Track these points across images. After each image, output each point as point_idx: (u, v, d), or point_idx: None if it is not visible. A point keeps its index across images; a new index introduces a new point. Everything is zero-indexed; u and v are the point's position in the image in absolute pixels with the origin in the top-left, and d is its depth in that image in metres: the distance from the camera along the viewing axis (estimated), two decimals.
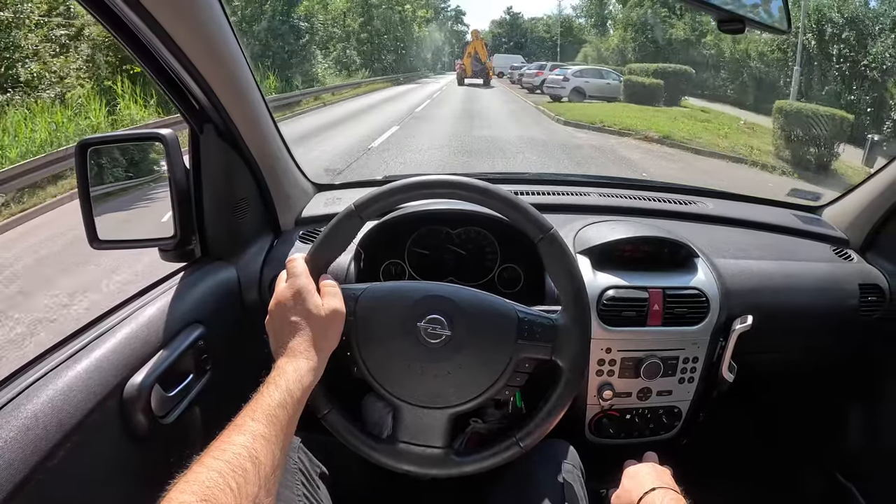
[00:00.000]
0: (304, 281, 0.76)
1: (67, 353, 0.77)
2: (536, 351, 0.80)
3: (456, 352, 0.79)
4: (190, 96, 0.95)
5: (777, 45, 17.67)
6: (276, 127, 1.16)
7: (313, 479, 0.90)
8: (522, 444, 0.81)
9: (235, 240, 1.13)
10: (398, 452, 0.82)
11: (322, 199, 1.39)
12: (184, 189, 1.01)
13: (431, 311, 0.79)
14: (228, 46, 0.92)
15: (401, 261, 1.24)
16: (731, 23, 0.84)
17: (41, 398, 0.69)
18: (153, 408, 0.82)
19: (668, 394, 1.18)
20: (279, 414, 0.63)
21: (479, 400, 0.81)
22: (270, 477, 0.58)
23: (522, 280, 1.24)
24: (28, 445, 0.64)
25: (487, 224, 1.23)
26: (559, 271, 0.81)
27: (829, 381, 1.49)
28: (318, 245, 0.81)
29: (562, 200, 1.43)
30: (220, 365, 1.00)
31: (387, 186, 0.82)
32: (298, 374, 0.69)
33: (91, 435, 0.72)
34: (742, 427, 1.71)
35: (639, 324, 1.12)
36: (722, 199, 1.58)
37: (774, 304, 1.22)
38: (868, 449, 1.39)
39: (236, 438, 0.58)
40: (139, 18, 0.74)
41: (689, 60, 20.84)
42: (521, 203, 0.81)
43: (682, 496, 0.84)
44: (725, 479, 1.46)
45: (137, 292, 0.97)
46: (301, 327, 0.73)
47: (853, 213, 1.42)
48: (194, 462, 0.55)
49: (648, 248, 1.21)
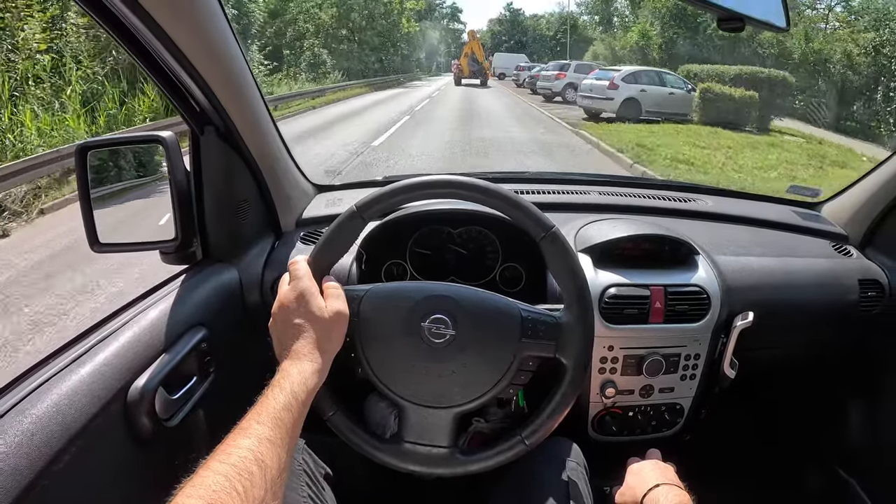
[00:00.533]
0: (307, 283, 0.76)
1: (71, 357, 0.77)
2: (540, 349, 0.81)
3: (460, 351, 0.79)
4: (190, 98, 0.95)
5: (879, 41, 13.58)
6: (276, 128, 1.16)
7: (318, 480, 0.91)
8: (528, 442, 0.81)
9: (236, 242, 1.13)
10: (403, 452, 0.82)
11: (323, 200, 1.39)
12: (184, 191, 1.01)
13: (435, 311, 0.79)
14: (228, 47, 0.92)
15: (402, 261, 1.24)
16: (730, 21, 0.84)
17: (45, 403, 0.69)
18: (157, 411, 0.82)
19: (671, 391, 1.19)
20: (284, 417, 0.63)
21: (484, 399, 0.81)
22: (276, 480, 0.58)
23: (524, 279, 1.24)
24: (33, 450, 0.64)
25: (489, 223, 1.23)
26: (562, 269, 0.81)
27: (829, 376, 1.50)
28: (320, 247, 0.81)
29: (562, 199, 1.43)
30: (224, 367, 1.00)
31: (389, 187, 0.82)
32: (303, 377, 0.69)
33: (96, 439, 0.72)
34: (744, 423, 1.71)
35: (640, 321, 1.12)
36: (722, 197, 1.58)
37: (775, 301, 1.23)
38: (869, 444, 1.40)
39: (242, 442, 0.58)
40: (138, 20, 0.74)
41: (742, 62, 15.68)
42: (522, 202, 0.81)
43: (685, 492, 0.84)
44: (728, 474, 1.47)
45: (139, 296, 0.97)
46: (305, 329, 0.73)
47: (852, 209, 1.42)
48: (200, 466, 0.55)
49: (649, 246, 1.21)
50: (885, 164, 1.32)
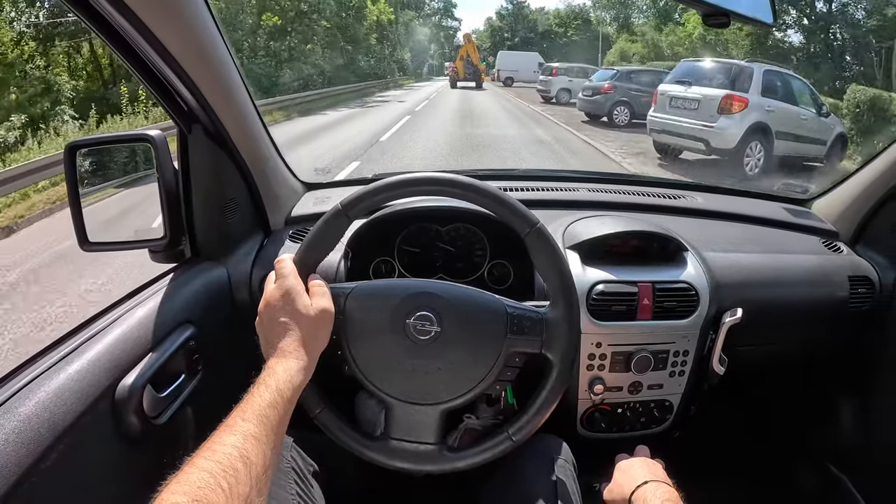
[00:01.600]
0: (293, 281, 0.77)
1: (59, 355, 0.77)
2: (526, 345, 0.81)
3: (445, 348, 0.79)
4: (177, 97, 0.95)
5: None
6: (265, 126, 1.16)
7: (306, 477, 0.91)
8: (515, 439, 0.82)
9: (225, 240, 1.13)
10: (390, 450, 0.82)
11: (311, 199, 1.39)
12: (173, 190, 1.01)
13: (420, 308, 0.80)
14: (215, 46, 0.92)
15: (390, 258, 1.24)
16: (716, 17, 0.84)
17: (33, 401, 0.69)
18: (145, 409, 0.82)
19: (659, 387, 1.19)
20: (270, 414, 0.64)
21: (470, 395, 0.81)
22: (262, 477, 0.58)
23: (512, 276, 1.24)
24: (20, 448, 0.64)
25: (476, 221, 1.23)
26: (547, 265, 0.81)
27: (820, 373, 1.50)
28: (305, 245, 0.81)
29: (550, 196, 1.43)
30: (212, 365, 1.00)
31: (373, 185, 0.82)
32: (289, 374, 0.69)
33: (84, 437, 0.73)
34: (734, 420, 1.72)
35: (629, 318, 1.13)
36: (711, 193, 1.59)
37: (764, 297, 1.23)
38: (860, 440, 1.40)
39: (227, 439, 0.59)
40: (124, 19, 0.74)
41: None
42: (507, 198, 0.81)
43: (674, 489, 0.84)
44: (718, 471, 1.47)
45: (128, 294, 0.97)
46: (290, 327, 0.73)
47: (842, 206, 1.43)
48: (185, 463, 0.55)
49: (637, 243, 1.22)
50: (874, 161, 1.32)
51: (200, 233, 1.07)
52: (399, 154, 9.22)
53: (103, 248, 0.99)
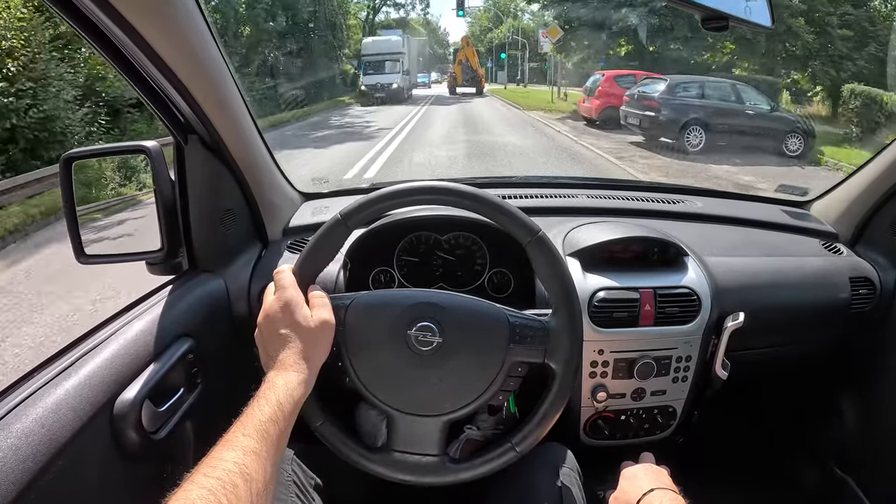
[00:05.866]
0: (292, 293, 0.76)
1: (56, 370, 0.76)
2: (529, 354, 0.80)
3: (447, 358, 0.79)
4: (173, 107, 0.94)
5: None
6: (262, 137, 1.15)
7: (308, 491, 0.90)
8: (518, 449, 0.81)
9: (223, 251, 1.12)
10: (393, 462, 0.81)
11: (309, 209, 1.38)
12: (170, 201, 1.00)
13: (421, 319, 0.79)
14: (212, 57, 0.91)
15: (390, 268, 1.23)
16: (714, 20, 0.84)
17: (30, 416, 0.68)
18: (144, 423, 0.81)
19: (663, 393, 1.18)
20: (270, 429, 0.63)
21: (473, 406, 0.80)
22: (262, 493, 0.57)
23: (513, 285, 1.23)
24: (18, 465, 0.63)
25: (476, 229, 1.22)
26: (548, 273, 0.81)
27: (822, 374, 1.50)
28: (304, 256, 0.80)
29: (550, 203, 1.43)
30: (211, 378, 0.99)
31: (373, 194, 0.81)
32: (289, 388, 0.68)
33: (82, 452, 0.72)
34: (738, 423, 1.71)
35: (631, 325, 1.12)
36: (710, 198, 1.58)
37: (765, 301, 1.23)
38: (863, 440, 1.40)
39: (227, 454, 0.58)
40: (120, 30, 0.73)
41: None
42: (508, 207, 0.80)
43: (680, 496, 0.84)
44: (723, 476, 1.46)
45: (125, 307, 0.96)
46: (290, 340, 0.73)
47: (841, 207, 1.43)
48: (185, 479, 0.54)
49: (638, 249, 1.21)
50: (873, 162, 1.32)
51: (198, 244, 1.06)
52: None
53: (99, 261, 0.99)
